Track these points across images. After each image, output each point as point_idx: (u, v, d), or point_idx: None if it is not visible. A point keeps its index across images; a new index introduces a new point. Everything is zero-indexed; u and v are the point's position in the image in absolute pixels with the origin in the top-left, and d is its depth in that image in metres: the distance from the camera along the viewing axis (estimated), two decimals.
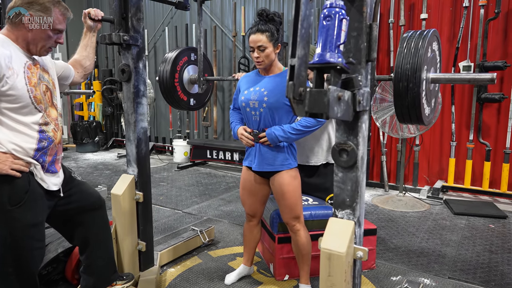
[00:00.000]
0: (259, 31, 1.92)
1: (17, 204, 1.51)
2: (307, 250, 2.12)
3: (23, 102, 1.51)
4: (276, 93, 1.94)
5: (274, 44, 1.95)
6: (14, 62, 1.49)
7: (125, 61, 2.09)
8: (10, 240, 1.52)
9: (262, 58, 1.95)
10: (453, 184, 4.18)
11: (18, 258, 1.55)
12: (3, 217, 1.50)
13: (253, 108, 2.01)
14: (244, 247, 2.38)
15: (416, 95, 1.42)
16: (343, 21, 1.17)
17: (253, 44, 1.93)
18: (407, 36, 1.49)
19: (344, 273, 1.35)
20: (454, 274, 2.47)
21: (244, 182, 2.18)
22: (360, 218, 1.43)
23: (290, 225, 2.10)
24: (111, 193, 2.14)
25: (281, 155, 2.02)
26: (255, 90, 2.01)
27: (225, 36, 5.77)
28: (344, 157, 1.37)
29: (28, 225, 1.55)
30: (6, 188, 1.49)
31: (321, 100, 1.10)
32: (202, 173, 5.39)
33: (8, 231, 1.51)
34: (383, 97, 3.74)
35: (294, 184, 2.04)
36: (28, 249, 1.57)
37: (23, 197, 1.52)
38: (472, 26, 3.96)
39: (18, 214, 1.51)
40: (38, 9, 1.50)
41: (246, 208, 2.24)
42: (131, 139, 2.16)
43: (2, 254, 1.53)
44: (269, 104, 1.95)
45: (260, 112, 1.99)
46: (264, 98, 1.96)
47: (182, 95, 2.70)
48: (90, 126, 6.98)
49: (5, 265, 1.54)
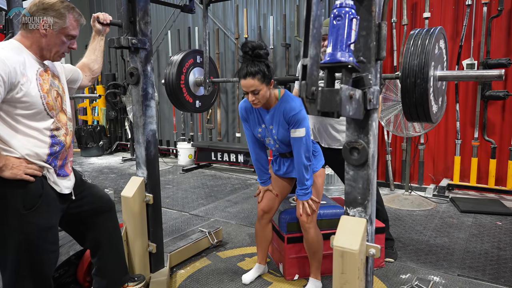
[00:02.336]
0: (250, 75, 1.87)
1: (32, 208, 1.52)
2: (316, 248, 2.16)
3: (36, 109, 1.53)
4: (283, 131, 2.05)
5: (267, 83, 1.93)
6: (27, 69, 1.50)
7: (134, 64, 2.11)
8: (26, 244, 1.52)
9: (257, 100, 1.94)
10: (458, 182, 4.18)
11: (34, 262, 1.56)
12: (18, 221, 1.50)
13: (269, 144, 2.18)
14: (257, 246, 2.40)
15: (423, 91, 1.43)
16: (353, 21, 1.18)
17: (246, 89, 1.91)
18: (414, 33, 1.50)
19: (357, 270, 1.36)
20: (463, 271, 2.47)
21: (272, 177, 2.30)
22: (372, 215, 1.44)
23: (302, 221, 2.13)
24: (122, 196, 2.15)
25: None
26: (263, 129, 2.13)
27: (228, 38, 5.80)
28: (355, 155, 1.38)
29: (43, 229, 1.56)
30: (21, 193, 1.50)
31: (333, 99, 1.11)
32: (207, 175, 5.40)
33: (23, 235, 1.52)
34: (387, 96, 3.74)
35: (316, 180, 2.15)
36: (43, 253, 1.58)
37: (37, 201, 1.54)
38: (475, 24, 3.96)
39: (33, 218, 1.52)
40: (53, 15, 1.51)
41: (263, 202, 2.28)
42: (140, 141, 2.17)
43: (18, 258, 1.53)
44: (281, 140, 2.09)
45: (278, 144, 2.13)
46: (274, 137, 2.09)
47: (188, 97, 2.71)
48: (94, 131, 7.02)
49: (20, 269, 1.55)
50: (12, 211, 1.49)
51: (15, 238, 1.51)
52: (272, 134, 2.09)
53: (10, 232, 1.51)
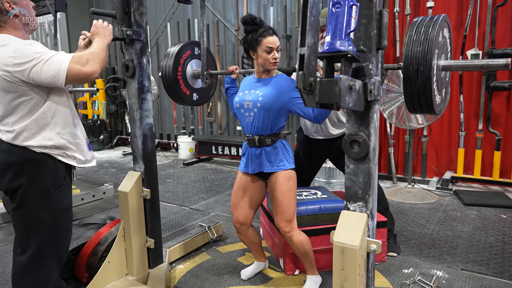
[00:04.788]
0: (275, 34, 1.98)
1: (58, 188, 1.64)
2: (305, 251, 2.07)
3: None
4: (271, 96, 1.97)
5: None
6: None
7: (129, 56, 2.06)
8: (51, 222, 1.63)
9: (279, 58, 2.01)
10: (462, 174, 4.12)
11: (56, 239, 1.66)
12: (47, 200, 1.61)
13: (247, 109, 2.04)
14: (250, 249, 2.35)
15: (427, 79, 1.36)
16: (353, 8, 1.13)
17: (274, 45, 1.97)
18: (418, 20, 1.44)
19: (358, 266, 1.32)
20: (467, 265, 2.43)
21: (240, 181, 2.17)
22: (373, 210, 1.39)
23: (282, 230, 2.04)
24: (118, 191, 2.12)
25: (274, 157, 2.03)
26: (249, 92, 2.05)
27: (228, 30, 5.72)
28: (355, 148, 1.33)
29: (66, 208, 1.69)
30: (50, 175, 1.61)
31: (332, 90, 1.06)
32: (208, 169, 5.37)
33: (50, 212, 1.62)
34: (390, 88, 3.68)
35: (287, 184, 2.02)
36: (64, 230, 1.70)
37: (62, 182, 1.65)
38: (480, 13, 3.88)
39: (59, 197, 1.64)
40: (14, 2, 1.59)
41: (236, 213, 2.17)
42: (136, 135, 2.13)
43: (42, 238, 1.62)
44: (262, 104, 1.97)
45: (254, 112, 2.01)
46: (258, 98, 1.99)
47: (185, 89, 2.66)
48: (94, 125, 6.99)
49: (43, 248, 1.62)
50: (43, 191, 1.60)
51: (45, 214, 1.61)
52: (256, 96, 1.98)
53: (39, 211, 1.60)
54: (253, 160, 2.07)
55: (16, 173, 1.57)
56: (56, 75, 1.49)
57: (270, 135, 2.01)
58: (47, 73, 1.48)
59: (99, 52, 1.61)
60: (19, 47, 1.49)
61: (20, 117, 1.55)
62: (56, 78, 1.49)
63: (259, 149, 2.04)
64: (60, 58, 1.51)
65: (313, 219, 2.32)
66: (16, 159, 1.56)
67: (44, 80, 1.50)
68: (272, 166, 2.03)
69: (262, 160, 2.04)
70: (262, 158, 2.04)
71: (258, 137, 2.02)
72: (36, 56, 1.48)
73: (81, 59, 1.53)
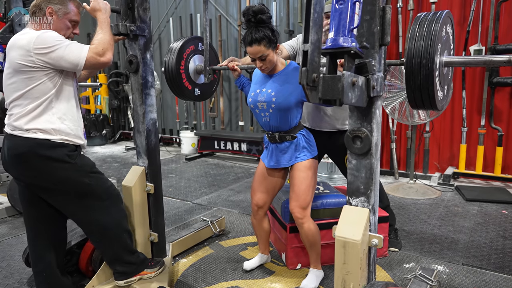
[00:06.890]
0: (255, 42, 1.86)
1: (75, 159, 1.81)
2: (313, 241, 2.10)
3: None
4: (284, 93, 1.96)
5: (273, 48, 1.93)
6: None
7: (133, 52, 2.07)
8: (107, 196, 1.86)
9: (265, 65, 1.95)
10: (464, 170, 4.13)
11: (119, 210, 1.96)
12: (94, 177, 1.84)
13: (262, 110, 2.04)
14: (257, 239, 2.38)
15: (429, 72, 1.37)
16: (356, 4, 1.13)
17: (253, 56, 1.92)
18: (421, 16, 1.45)
19: (360, 260, 1.34)
20: (468, 260, 2.45)
21: (262, 168, 2.22)
22: (374, 205, 1.41)
23: (294, 216, 2.07)
24: (122, 185, 2.14)
25: (294, 151, 2.06)
26: (261, 91, 2.04)
27: (230, 25, 5.72)
28: (358, 144, 1.35)
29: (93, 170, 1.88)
30: (87, 161, 1.85)
31: (335, 86, 1.07)
32: (210, 164, 5.39)
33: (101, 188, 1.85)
34: (392, 83, 3.68)
35: (306, 173, 2.04)
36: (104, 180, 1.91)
37: (75, 150, 1.82)
38: (483, 8, 3.86)
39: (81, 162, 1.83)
40: (56, 3, 1.73)
41: (256, 197, 2.23)
42: (140, 130, 2.15)
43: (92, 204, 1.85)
44: (277, 105, 1.97)
45: (269, 112, 2.01)
46: (272, 99, 1.98)
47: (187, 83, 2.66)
48: (97, 120, 7.01)
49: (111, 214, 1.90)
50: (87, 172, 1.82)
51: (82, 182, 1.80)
52: (269, 97, 1.98)
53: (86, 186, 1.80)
54: (275, 154, 2.11)
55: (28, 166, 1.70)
56: (76, 60, 1.65)
57: (290, 131, 2.03)
58: (69, 58, 1.64)
59: (109, 39, 1.74)
60: (40, 34, 1.63)
61: (29, 101, 1.68)
62: (75, 63, 1.66)
63: (281, 144, 2.08)
64: (79, 45, 1.67)
65: (315, 214, 2.33)
66: (25, 150, 1.69)
67: (64, 64, 1.65)
68: (290, 160, 2.07)
69: (283, 155, 2.09)
70: (283, 154, 2.08)
71: (278, 134, 2.05)
72: (58, 42, 1.63)
73: (97, 49, 1.69)
